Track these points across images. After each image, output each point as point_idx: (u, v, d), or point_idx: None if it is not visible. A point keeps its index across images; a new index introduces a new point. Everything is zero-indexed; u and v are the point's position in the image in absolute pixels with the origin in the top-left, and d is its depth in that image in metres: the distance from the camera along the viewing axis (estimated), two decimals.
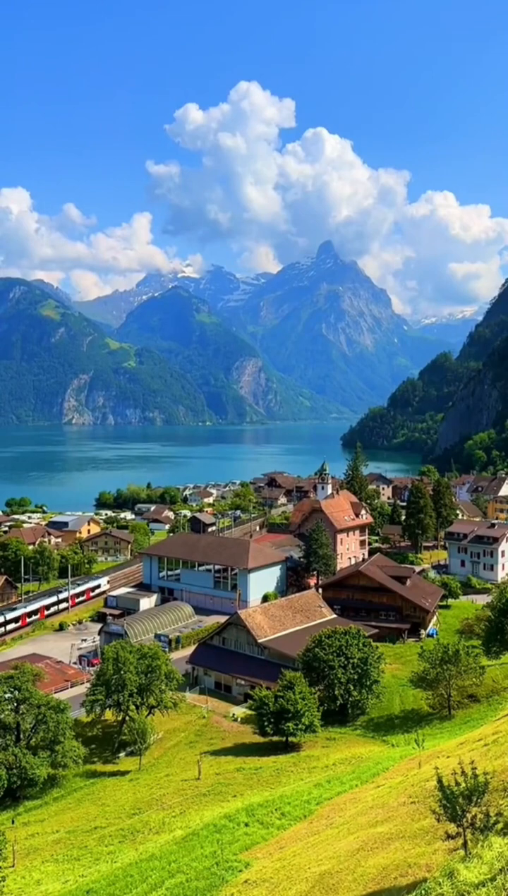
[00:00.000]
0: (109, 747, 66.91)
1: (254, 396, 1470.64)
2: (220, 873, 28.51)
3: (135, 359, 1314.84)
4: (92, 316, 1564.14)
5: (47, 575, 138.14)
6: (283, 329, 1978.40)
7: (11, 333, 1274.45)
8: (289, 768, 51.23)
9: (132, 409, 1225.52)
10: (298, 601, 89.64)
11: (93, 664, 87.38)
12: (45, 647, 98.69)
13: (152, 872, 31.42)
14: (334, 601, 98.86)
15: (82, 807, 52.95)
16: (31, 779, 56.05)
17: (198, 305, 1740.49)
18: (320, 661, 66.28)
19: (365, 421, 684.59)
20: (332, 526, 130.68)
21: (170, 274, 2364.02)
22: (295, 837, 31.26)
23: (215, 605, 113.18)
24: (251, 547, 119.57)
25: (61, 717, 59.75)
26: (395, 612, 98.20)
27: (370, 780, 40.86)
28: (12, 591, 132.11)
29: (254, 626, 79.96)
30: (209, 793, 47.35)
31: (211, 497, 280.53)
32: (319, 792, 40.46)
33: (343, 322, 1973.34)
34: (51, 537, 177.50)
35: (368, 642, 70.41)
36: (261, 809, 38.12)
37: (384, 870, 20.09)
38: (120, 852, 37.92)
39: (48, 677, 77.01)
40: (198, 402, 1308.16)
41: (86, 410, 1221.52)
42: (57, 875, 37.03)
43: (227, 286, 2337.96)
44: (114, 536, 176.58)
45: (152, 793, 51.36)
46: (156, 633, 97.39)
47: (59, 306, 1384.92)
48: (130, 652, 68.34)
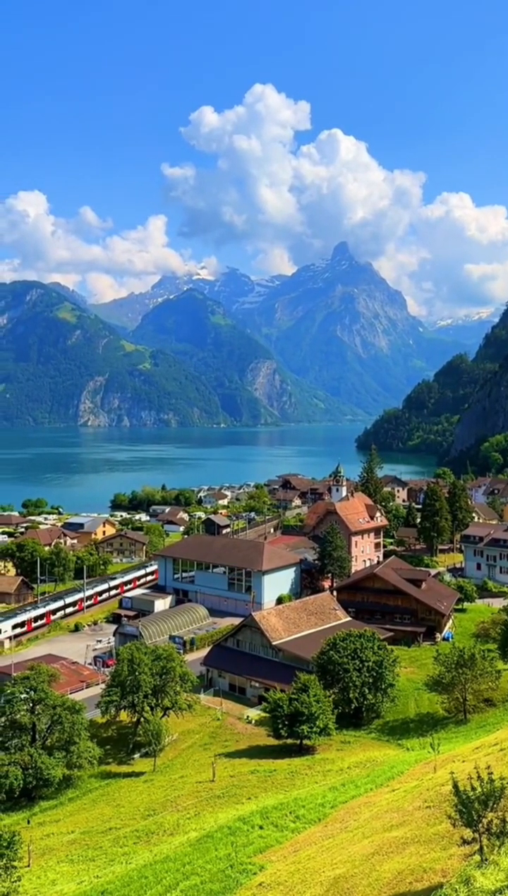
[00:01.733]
0: (124, 748, 67.10)
1: (269, 398, 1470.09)
2: (235, 876, 28.50)
3: (150, 361, 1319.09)
4: (107, 318, 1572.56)
5: (63, 576, 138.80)
6: (298, 331, 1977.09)
7: (28, 336, 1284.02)
8: (304, 771, 51.12)
9: (147, 410, 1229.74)
10: (312, 603, 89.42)
11: (109, 665, 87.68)
12: (61, 648, 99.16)
13: (167, 874, 31.46)
14: (349, 604, 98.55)
15: (97, 807, 53.13)
16: (46, 779, 56.29)
17: (212, 307, 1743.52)
18: (335, 664, 66.07)
19: (379, 423, 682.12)
20: (347, 528, 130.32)
21: (185, 276, 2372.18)
22: (310, 841, 31.19)
23: (229, 607, 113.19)
24: (265, 549, 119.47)
25: (76, 717, 59.98)
26: (410, 616, 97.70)
27: (385, 784, 40.69)
28: (28, 591, 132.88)
29: (269, 629, 79.87)
30: (223, 795, 47.35)
31: (225, 499, 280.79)
32: (334, 795, 40.33)
33: (358, 324, 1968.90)
34: (66, 538, 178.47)
35: (383, 645, 70.11)
36: (276, 812, 38.07)
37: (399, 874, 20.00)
38: (134, 853, 38.01)
39: (63, 678, 77.37)
40: (213, 403, 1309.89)
41: (101, 412, 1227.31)
42: (72, 875, 37.17)
43: (242, 288, 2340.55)
44: (129, 538, 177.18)
45: (167, 794, 51.44)
46: (170, 634, 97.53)
47: (75, 309, 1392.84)
48: (145, 653, 68.53)
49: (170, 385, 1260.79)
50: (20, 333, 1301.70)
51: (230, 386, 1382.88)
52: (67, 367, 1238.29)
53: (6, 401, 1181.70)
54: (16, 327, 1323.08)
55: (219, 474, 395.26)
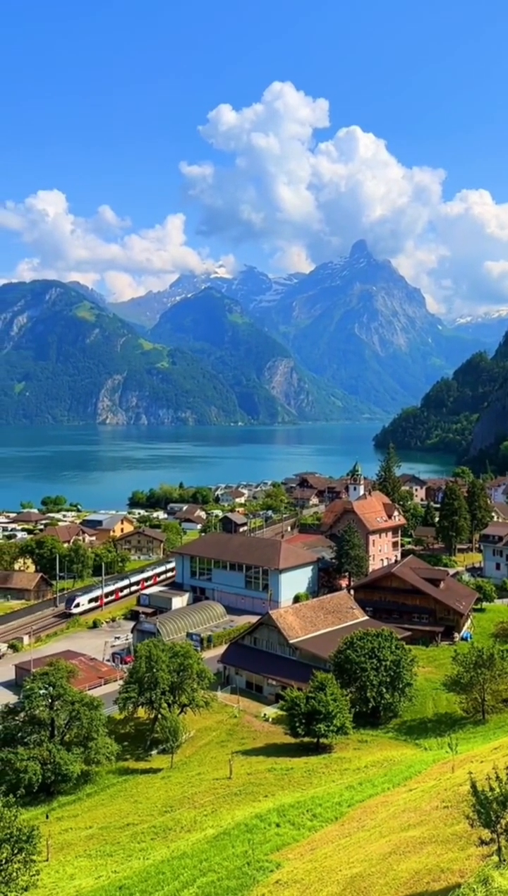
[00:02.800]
0: (142, 745, 67.46)
1: (286, 397, 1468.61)
2: (252, 873, 28.56)
3: (168, 359, 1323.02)
4: (126, 317, 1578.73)
5: (81, 573, 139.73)
6: (316, 329, 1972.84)
7: (47, 334, 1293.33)
8: (321, 770, 51.09)
9: (165, 409, 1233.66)
10: (330, 602, 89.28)
11: (126, 662, 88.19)
12: (79, 644, 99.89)
13: (184, 870, 31.60)
14: (366, 603, 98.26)
15: (115, 803, 53.46)
16: (64, 774, 56.74)
17: (230, 306, 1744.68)
18: (352, 663, 65.92)
19: (398, 421, 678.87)
20: (364, 527, 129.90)
21: (203, 275, 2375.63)
22: (327, 839, 31.20)
23: (246, 605, 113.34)
24: (282, 547, 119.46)
25: (95, 713, 60.38)
26: (428, 615, 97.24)
27: (402, 784, 40.58)
28: (48, 588, 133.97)
29: (286, 627, 79.88)
30: (240, 792, 47.45)
31: (242, 497, 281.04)
32: (351, 794, 40.28)
33: (376, 322, 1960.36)
34: (85, 535, 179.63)
35: (401, 645, 69.84)
36: (293, 810, 38.09)
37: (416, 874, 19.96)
38: (152, 849, 38.21)
39: (82, 674, 77.94)
40: (230, 402, 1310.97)
41: (119, 410, 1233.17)
42: (90, 870, 37.45)
43: (260, 286, 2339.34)
44: (147, 535, 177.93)
45: (184, 791, 51.65)
46: (187, 631, 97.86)
47: (94, 307, 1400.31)
48: (163, 650, 68.82)
49: (187, 383, 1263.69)
50: (40, 332, 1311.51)
51: (247, 384, 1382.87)
52: (86, 365, 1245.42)
53: (26, 399, 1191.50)
54: (35, 326, 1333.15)
55: (237, 472, 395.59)
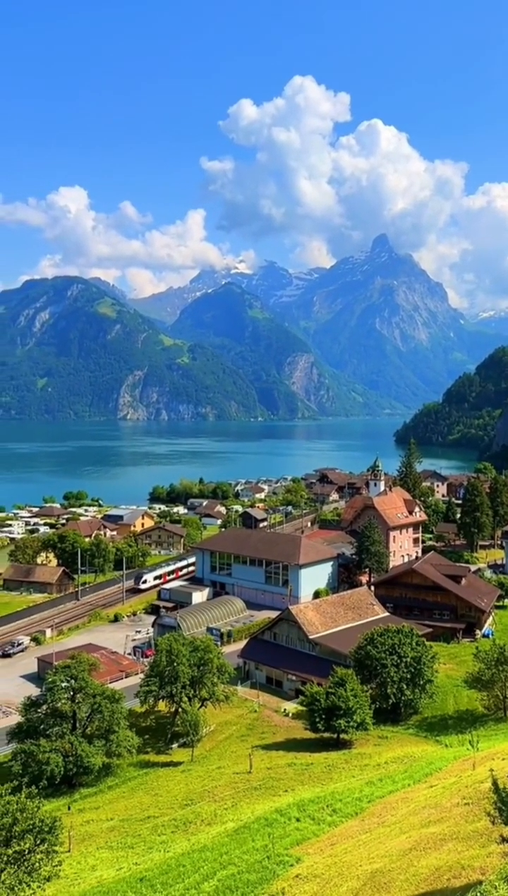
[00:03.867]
0: (162, 738, 67.88)
1: (306, 392, 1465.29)
2: (271, 867, 28.64)
3: (188, 355, 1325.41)
4: (146, 313, 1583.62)
5: (103, 567, 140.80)
6: (336, 324, 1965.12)
7: (69, 331, 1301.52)
8: (341, 765, 51.07)
9: (185, 404, 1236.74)
10: (350, 598, 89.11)
11: (147, 655, 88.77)
12: (101, 638, 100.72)
13: (204, 863, 31.76)
14: (387, 599, 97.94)
15: (136, 796, 53.87)
16: (86, 767, 57.27)
17: (250, 301, 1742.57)
18: (372, 659, 65.77)
19: (419, 417, 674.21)
20: (385, 523, 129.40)
21: (224, 270, 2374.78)
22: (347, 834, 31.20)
23: (266, 601, 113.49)
24: (302, 543, 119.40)
25: (116, 706, 60.79)
26: (450, 612, 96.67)
27: (422, 780, 40.45)
28: (69, 581, 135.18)
29: (306, 622, 79.88)
30: (260, 786, 47.58)
31: (262, 492, 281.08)
32: (371, 790, 40.22)
33: (397, 316, 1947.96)
34: (106, 530, 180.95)
35: (422, 641, 69.52)
36: (313, 805, 38.13)
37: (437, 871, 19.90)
38: (172, 842, 38.45)
39: (103, 667, 78.60)
40: (250, 397, 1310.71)
41: (140, 406, 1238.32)
42: (111, 862, 37.78)
43: (280, 281, 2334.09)
44: (168, 530, 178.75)
45: (204, 784, 51.90)
46: (208, 626, 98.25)
47: (115, 304, 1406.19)
48: (183, 644, 69.16)
49: (207, 379, 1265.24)
50: (61, 328, 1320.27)
51: (267, 380, 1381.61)
52: (107, 361, 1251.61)
53: (48, 395, 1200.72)
54: (57, 322, 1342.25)
55: (257, 468, 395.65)
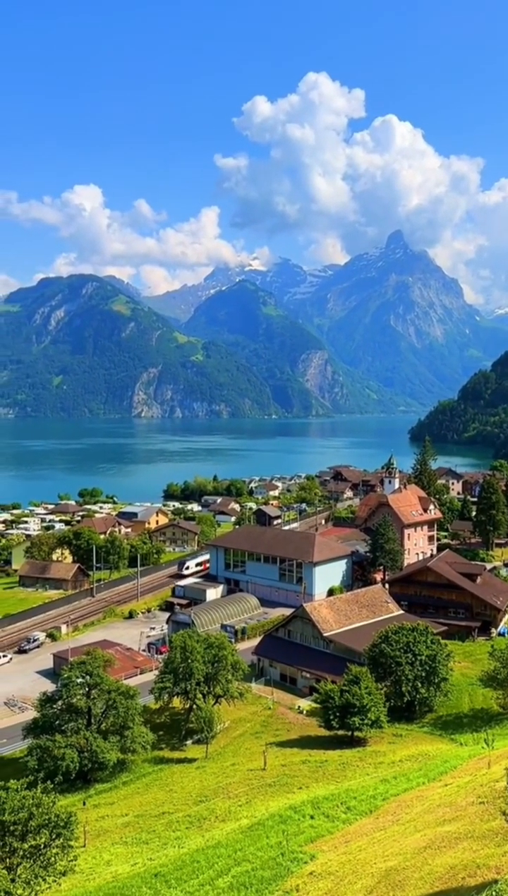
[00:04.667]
0: (177, 734, 68.11)
1: (321, 389, 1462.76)
2: (286, 864, 28.66)
3: (203, 352, 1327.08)
4: (161, 310, 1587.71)
5: (118, 564, 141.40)
6: (350, 321, 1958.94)
7: (84, 329, 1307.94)
8: (355, 763, 51.01)
9: (199, 402, 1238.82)
10: (364, 596, 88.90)
11: (162, 652, 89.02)
12: (116, 634, 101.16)
13: (218, 859, 31.84)
14: (401, 597, 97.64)
15: (150, 792, 54.10)
16: (101, 762, 57.56)
17: (264, 298, 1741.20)
18: (387, 657, 65.59)
19: (434, 414, 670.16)
20: (399, 521, 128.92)
21: (238, 267, 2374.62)
22: (361, 832, 31.15)
23: (280, 598, 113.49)
24: (316, 540, 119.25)
25: (131, 702, 61.06)
26: (465, 610, 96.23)
27: (437, 779, 40.32)
28: (84, 578, 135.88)
29: (320, 620, 79.80)
30: (274, 783, 47.63)
31: (276, 490, 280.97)
32: (385, 788, 40.14)
33: (412, 313, 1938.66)
34: (121, 527, 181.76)
35: (436, 639, 69.24)
36: (327, 802, 38.11)
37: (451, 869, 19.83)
38: (187, 838, 38.58)
39: (118, 663, 78.93)
40: (264, 395, 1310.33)
41: (154, 403, 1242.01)
42: (126, 857, 37.97)
43: (294, 279, 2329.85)
44: (182, 527, 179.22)
45: (218, 781, 52.03)
46: (222, 623, 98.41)
47: (130, 301, 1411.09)
48: (197, 641, 69.31)
49: (221, 376, 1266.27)
50: (77, 326, 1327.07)
51: (281, 377, 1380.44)
52: (122, 358, 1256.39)
53: (63, 392, 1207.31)
54: (72, 320, 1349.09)
55: (271, 465, 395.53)
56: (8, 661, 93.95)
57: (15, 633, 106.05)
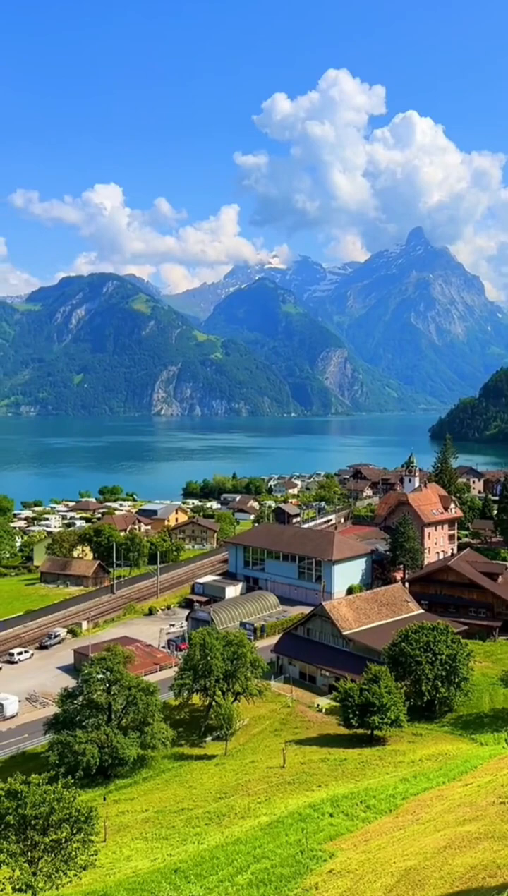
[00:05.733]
0: (196, 731, 68.37)
1: (340, 387, 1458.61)
2: (305, 861, 28.67)
3: (222, 350, 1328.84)
4: (180, 309, 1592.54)
5: (137, 561, 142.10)
6: (370, 318, 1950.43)
7: (104, 327, 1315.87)
8: (375, 761, 50.87)
9: (218, 400, 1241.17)
10: (384, 595, 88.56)
11: (181, 649, 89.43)
12: (135, 631, 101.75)
13: (238, 856, 31.92)
14: (421, 596, 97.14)
15: (170, 788, 54.36)
16: (121, 758, 57.95)
17: (283, 296, 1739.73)
18: (407, 656, 65.32)
19: (455, 412, 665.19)
20: (419, 519, 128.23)
21: (257, 265, 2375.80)
22: (381, 831, 31.07)
23: (299, 596, 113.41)
24: (336, 538, 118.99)
25: (151, 699, 61.37)
26: (486, 610, 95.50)
27: (457, 778, 40.08)
28: (105, 575, 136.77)
29: (339, 618, 79.64)
30: (294, 781, 47.64)
31: (295, 488, 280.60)
32: (405, 787, 39.99)
33: (433, 310, 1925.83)
34: (141, 524, 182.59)
35: (457, 639, 68.81)
36: (346, 801, 38.04)
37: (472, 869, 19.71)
38: (206, 834, 38.72)
39: (138, 660, 79.43)
40: (283, 393, 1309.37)
41: (174, 401, 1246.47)
42: (146, 852, 38.19)
43: (314, 276, 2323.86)
44: (201, 525, 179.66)
45: (238, 778, 52.15)
46: (241, 621, 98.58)
47: (150, 300, 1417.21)
48: (217, 638, 69.53)
49: (241, 374, 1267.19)
50: (97, 325, 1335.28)
51: (301, 375, 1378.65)
52: (141, 357, 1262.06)
53: (84, 391, 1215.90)
54: (93, 319, 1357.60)
55: (290, 463, 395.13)
56: (29, 656, 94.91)
57: (36, 629, 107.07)
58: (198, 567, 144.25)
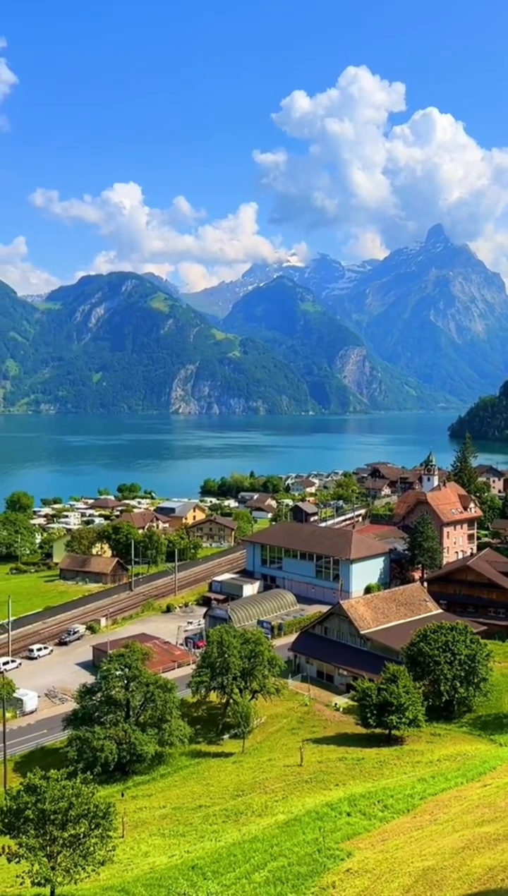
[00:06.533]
0: (214, 729, 68.53)
1: (358, 385, 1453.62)
2: (322, 860, 28.67)
3: (240, 349, 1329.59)
4: (199, 307, 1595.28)
5: (155, 558, 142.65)
6: (389, 316, 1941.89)
7: (123, 326, 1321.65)
8: (392, 761, 50.67)
9: (236, 398, 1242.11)
10: (402, 594, 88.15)
11: (199, 646, 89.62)
12: (153, 628, 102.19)
13: (255, 854, 31.97)
14: (440, 596, 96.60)
15: (187, 785, 54.55)
16: (139, 755, 58.22)
17: (302, 294, 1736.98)
18: (425, 656, 64.98)
19: (475, 411, 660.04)
20: (438, 518, 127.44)
21: (276, 263, 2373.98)
22: (398, 831, 30.97)
23: (317, 595, 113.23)
24: (354, 537, 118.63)
25: (168, 696, 61.62)
26: (505, 610, 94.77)
27: (476, 779, 39.86)
28: (123, 572, 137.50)
29: (357, 617, 79.41)
30: (311, 780, 47.60)
31: (313, 486, 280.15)
32: (423, 787, 39.82)
33: (452, 308, 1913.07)
34: (159, 522, 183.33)
35: (476, 639, 68.31)
36: (364, 800, 37.96)
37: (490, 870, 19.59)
38: (223, 832, 38.80)
39: (156, 657, 79.68)
40: (301, 391, 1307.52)
41: (192, 400, 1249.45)
42: (163, 849, 38.34)
43: (332, 274, 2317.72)
44: (219, 523, 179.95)
45: (255, 776, 52.19)
46: (258, 619, 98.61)
47: (168, 298, 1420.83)
48: (234, 636, 69.56)
49: (259, 373, 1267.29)
50: (116, 324, 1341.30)
51: (319, 373, 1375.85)
52: (160, 355, 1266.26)
53: (103, 389, 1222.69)
54: (112, 318, 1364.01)
55: (307, 462, 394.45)
56: (49, 652, 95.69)
57: (56, 626, 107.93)
58: (215, 565, 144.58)
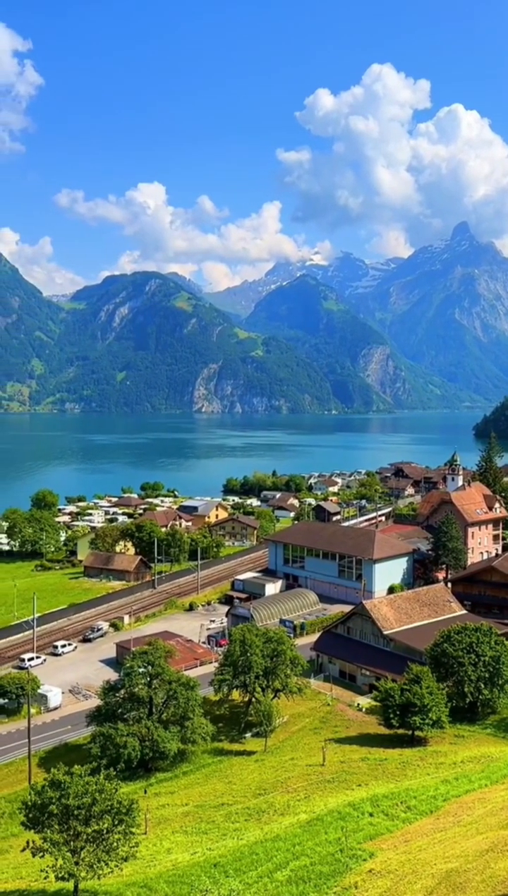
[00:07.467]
0: (236, 727, 68.64)
1: (382, 384, 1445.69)
2: (344, 860, 28.59)
3: (263, 348, 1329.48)
4: (222, 306, 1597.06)
5: (178, 556, 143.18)
6: (413, 315, 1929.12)
7: (147, 325, 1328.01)
8: (415, 762, 50.38)
9: (259, 397, 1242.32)
10: (426, 594, 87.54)
11: (221, 645, 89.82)
12: (176, 626, 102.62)
13: (277, 853, 31.98)
14: (464, 597, 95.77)
15: (210, 783, 54.72)
16: (162, 752, 58.49)
17: (325, 293, 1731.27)
18: (449, 657, 64.50)
19: (500, 410, 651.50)
20: (463, 518, 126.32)
21: (299, 262, 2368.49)
22: (421, 832, 30.79)
23: (339, 594, 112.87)
24: (377, 537, 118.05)
25: (191, 693, 61.84)
26: None
27: (500, 781, 39.49)
28: (146, 570, 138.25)
29: (380, 618, 79.04)
30: (333, 780, 47.49)
31: (336, 486, 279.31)
32: (446, 788, 39.54)
33: (478, 306, 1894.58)
34: (181, 521, 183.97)
35: (501, 640, 67.64)
36: (386, 801, 37.79)
37: None
38: (246, 830, 38.86)
39: (179, 655, 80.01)
40: (324, 390, 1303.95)
41: (214, 399, 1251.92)
42: (186, 846, 38.51)
43: (356, 273, 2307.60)
44: (241, 522, 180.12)
45: (277, 775, 52.20)
46: (280, 618, 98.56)
47: (191, 298, 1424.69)
48: (256, 635, 69.61)
49: (281, 372, 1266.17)
50: (140, 323, 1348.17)
51: (342, 372, 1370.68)
52: (183, 354, 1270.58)
53: (127, 388, 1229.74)
54: (136, 317, 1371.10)
55: (330, 461, 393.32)
56: (73, 649, 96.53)
57: (80, 622, 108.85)
58: (238, 564, 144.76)
